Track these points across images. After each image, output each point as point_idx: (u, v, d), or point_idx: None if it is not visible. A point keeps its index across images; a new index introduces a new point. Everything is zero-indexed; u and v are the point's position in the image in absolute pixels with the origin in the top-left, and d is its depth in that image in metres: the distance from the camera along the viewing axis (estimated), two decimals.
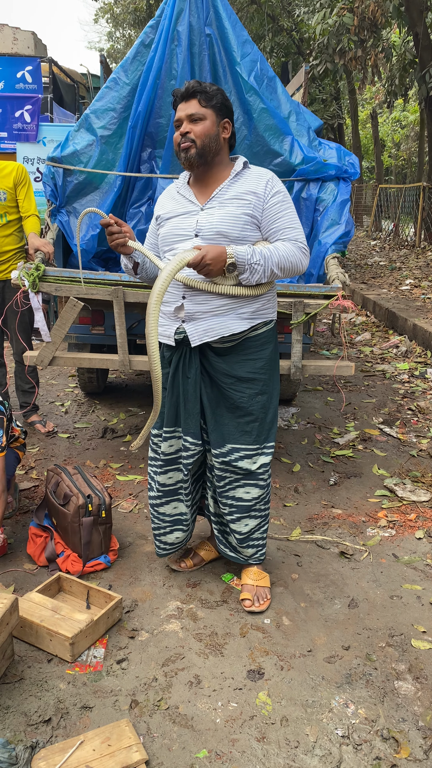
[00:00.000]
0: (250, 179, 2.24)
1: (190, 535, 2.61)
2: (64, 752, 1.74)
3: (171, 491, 2.52)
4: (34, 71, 6.36)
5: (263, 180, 2.23)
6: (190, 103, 2.19)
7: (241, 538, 2.47)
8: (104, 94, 3.46)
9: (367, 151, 30.29)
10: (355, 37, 9.76)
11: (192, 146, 2.17)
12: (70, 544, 2.67)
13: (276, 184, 2.25)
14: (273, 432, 2.43)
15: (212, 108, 2.20)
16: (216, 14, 3.35)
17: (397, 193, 15.13)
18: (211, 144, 2.20)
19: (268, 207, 2.21)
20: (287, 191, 2.30)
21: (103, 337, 3.69)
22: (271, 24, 15.82)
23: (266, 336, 2.35)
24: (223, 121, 2.23)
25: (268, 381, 2.38)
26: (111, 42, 23.36)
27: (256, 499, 2.43)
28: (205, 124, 2.18)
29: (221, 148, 2.25)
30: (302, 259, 2.24)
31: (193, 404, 2.36)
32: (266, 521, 2.53)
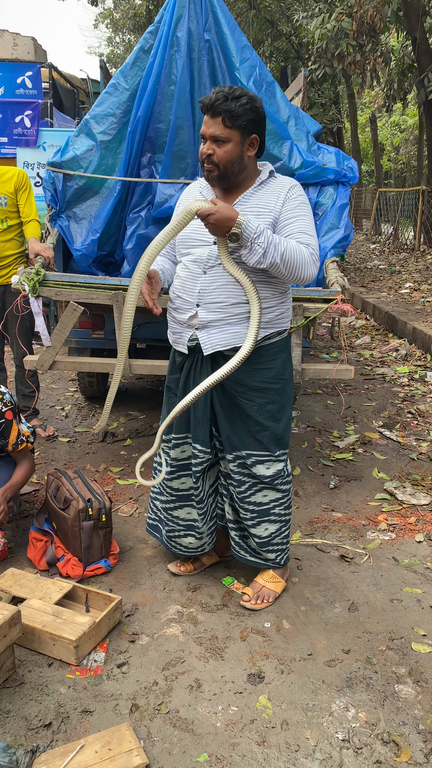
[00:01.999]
0: (274, 188, 2.22)
1: (206, 545, 2.59)
2: (64, 756, 1.74)
3: (184, 497, 2.52)
4: (34, 76, 6.39)
5: (285, 188, 2.21)
6: (215, 121, 2.09)
7: (261, 542, 2.47)
8: (104, 99, 3.47)
9: (367, 155, 30.34)
10: (354, 41, 9.79)
11: (214, 169, 2.13)
12: (70, 548, 2.67)
13: (297, 191, 2.22)
14: (285, 440, 2.43)
15: (237, 128, 2.09)
16: (215, 20, 3.36)
17: (397, 197, 15.16)
18: (233, 167, 2.14)
19: (284, 211, 2.18)
20: (308, 202, 2.26)
21: (103, 341, 3.69)
22: (270, 29, 15.88)
23: (279, 345, 2.34)
24: (250, 138, 2.14)
25: (280, 390, 2.36)
26: (111, 47, 23.46)
27: (274, 501, 2.45)
28: (228, 148, 2.10)
29: (245, 166, 2.18)
30: (309, 263, 2.13)
31: (203, 412, 2.36)
32: (286, 527, 2.52)
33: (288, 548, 2.57)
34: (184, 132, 3.39)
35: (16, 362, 4.06)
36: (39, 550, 2.72)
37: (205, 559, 2.72)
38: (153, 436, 4.20)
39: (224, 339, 2.23)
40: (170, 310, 2.40)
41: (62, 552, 2.69)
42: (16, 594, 2.37)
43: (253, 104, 2.11)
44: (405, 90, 13.84)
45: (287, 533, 2.54)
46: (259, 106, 2.13)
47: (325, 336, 7.06)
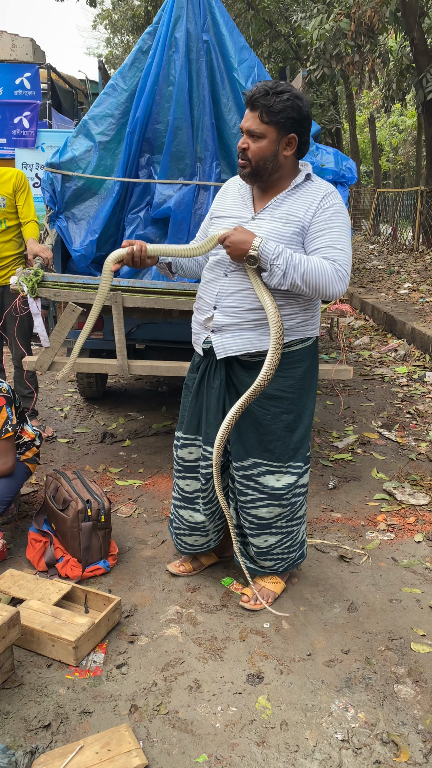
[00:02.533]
0: (306, 194, 2.12)
1: (211, 542, 2.58)
2: (63, 757, 1.74)
3: (188, 499, 2.51)
4: (33, 77, 6.40)
5: (319, 195, 2.10)
6: (253, 115, 2.03)
7: (260, 552, 2.44)
8: (102, 100, 3.48)
9: (365, 155, 30.36)
10: (352, 42, 9.80)
11: (247, 165, 2.08)
12: (69, 549, 2.67)
13: (331, 200, 2.10)
14: (301, 453, 2.34)
15: (275, 125, 2.02)
16: (213, 21, 3.37)
17: (395, 197, 15.17)
18: (266, 165, 2.07)
19: (314, 221, 2.08)
20: (344, 209, 2.12)
21: (102, 341, 3.69)
22: (269, 29, 15.89)
23: (301, 354, 2.25)
24: (287, 137, 2.05)
25: (297, 401, 2.27)
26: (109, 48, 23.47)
27: (278, 516, 2.38)
28: (262, 144, 2.04)
29: (280, 166, 2.10)
30: (335, 281, 2.04)
31: (215, 415, 2.33)
32: (289, 538, 2.44)
33: (291, 558, 2.49)
34: (182, 132, 3.39)
35: (14, 363, 4.06)
36: (38, 551, 2.72)
37: (204, 559, 2.72)
38: (152, 437, 4.21)
39: (237, 344, 2.21)
40: (194, 310, 2.38)
41: (61, 553, 2.69)
42: (15, 595, 2.37)
43: (296, 102, 2.01)
44: (403, 90, 13.85)
45: (289, 544, 2.46)
46: (302, 105, 2.03)
47: (324, 336, 7.05)
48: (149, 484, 3.52)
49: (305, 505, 2.49)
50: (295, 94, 2.02)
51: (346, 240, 2.09)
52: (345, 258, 2.07)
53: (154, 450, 4.00)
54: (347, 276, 2.06)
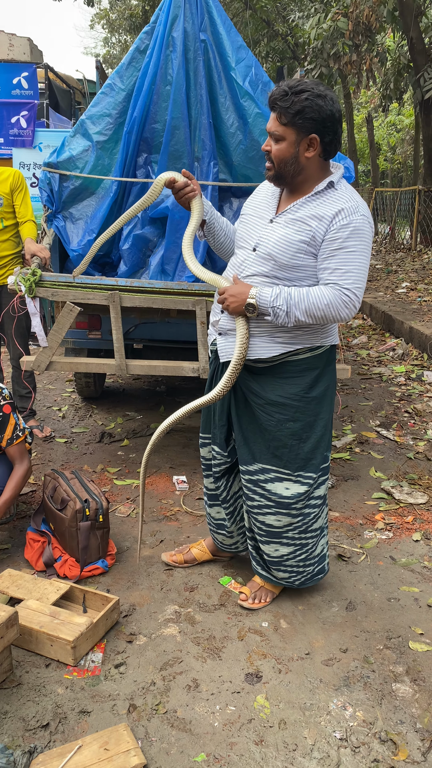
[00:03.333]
0: (326, 203, 2.03)
1: (238, 544, 2.61)
2: (62, 757, 1.74)
3: (213, 495, 2.55)
4: (30, 77, 6.38)
5: (335, 208, 2.00)
6: (273, 117, 1.99)
7: (272, 561, 2.41)
8: (100, 99, 3.47)
9: (363, 154, 30.37)
10: (350, 41, 9.81)
11: (271, 168, 2.05)
12: (67, 548, 2.67)
13: (349, 216, 1.98)
14: (313, 463, 2.27)
15: (293, 126, 1.95)
16: (210, 20, 3.36)
17: (393, 197, 15.17)
18: (287, 168, 2.02)
19: (328, 239, 2.00)
20: (363, 226, 2.00)
21: (100, 341, 3.69)
22: (266, 29, 15.89)
23: (309, 362, 2.19)
24: (308, 138, 1.97)
25: (304, 409, 2.21)
26: (107, 48, 23.44)
27: (288, 526, 2.32)
28: (282, 146, 1.99)
29: (302, 168, 2.03)
30: (339, 308, 2.00)
31: (220, 417, 2.35)
32: (304, 550, 2.38)
33: (308, 572, 2.43)
34: (180, 132, 3.39)
35: (12, 363, 4.06)
36: (36, 551, 2.72)
37: (197, 554, 2.73)
38: (150, 437, 4.20)
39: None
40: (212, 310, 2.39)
41: (59, 553, 2.69)
42: (13, 595, 2.37)
43: (316, 101, 1.92)
44: (401, 90, 13.85)
45: (305, 557, 2.39)
46: (323, 104, 1.93)
47: None
48: (147, 484, 3.52)
49: (323, 518, 2.41)
50: (316, 92, 1.93)
51: (360, 261, 2.01)
52: (354, 281, 2.00)
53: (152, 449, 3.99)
54: (356, 299, 2.01)
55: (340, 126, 2.01)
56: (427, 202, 12.00)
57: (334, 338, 2.25)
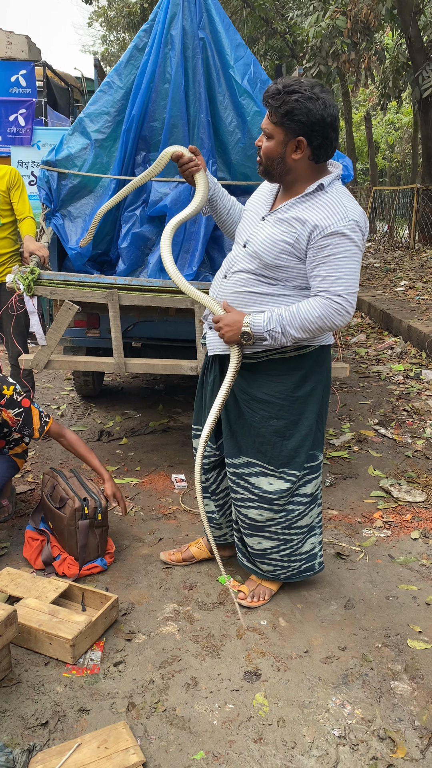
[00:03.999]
0: (312, 207, 2.00)
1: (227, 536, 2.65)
2: (61, 755, 1.74)
3: (204, 488, 2.57)
4: (28, 75, 6.37)
5: (323, 213, 1.97)
6: (267, 113, 1.98)
7: (255, 554, 2.43)
8: (98, 97, 3.47)
9: (361, 153, 30.36)
10: (348, 39, 9.81)
11: (261, 163, 2.06)
12: (66, 547, 2.67)
13: (336, 225, 1.94)
14: (297, 461, 2.28)
15: (281, 126, 1.94)
16: (209, 18, 3.36)
17: (392, 195, 15.18)
18: (274, 166, 2.02)
19: (314, 246, 1.98)
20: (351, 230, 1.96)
21: (99, 340, 3.69)
22: (265, 27, 15.88)
23: (296, 361, 2.19)
24: (295, 140, 1.95)
25: (288, 407, 2.22)
26: (105, 45, 23.41)
27: (270, 521, 2.34)
28: (271, 144, 1.99)
29: (290, 169, 2.02)
30: (333, 317, 2.00)
31: (208, 409, 2.36)
32: (289, 547, 2.40)
33: (293, 568, 2.44)
34: (178, 130, 3.38)
35: (11, 361, 4.05)
36: (35, 550, 2.72)
37: (196, 553, 2.73)
38: (148, 435, 4.20)
39: (222, 344, 2.23)
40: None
41: (58, 551, 2.69)
42: (12, 593, 2.37)
43: (305, 104, 1.89)
44: (399, 88, 13.86)
45: (289, 552, 2.40)
46: (312, 107, 1.89)
47: None
48: (146, 482, 3.52)
49: (312, 516, 2.41)
50: (308, 95, 1.90)
51: (350, 266, 1.98)
52: (346, 287, 1.98)
53: (150, 448, 4.00)
54: (347, 305, 2.00)
55: (332, 130, 1.96)
56: (425, 200, 12.00)
57: (325, 339, 2.24)
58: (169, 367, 3.26)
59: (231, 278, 2.19)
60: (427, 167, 12.54)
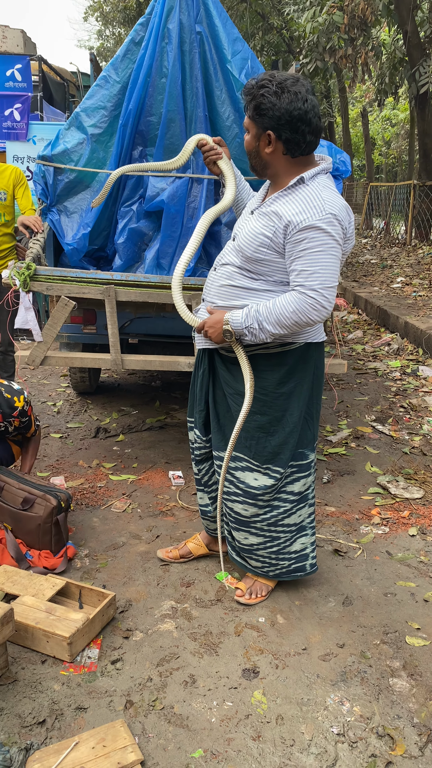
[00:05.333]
0: (290, 201, 1.99)
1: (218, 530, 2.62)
2: (58, 754, 1.73)
3: (198, 480, 2.58)
4: (24, 69, 6.33)
5: (299, 206, 1.95)
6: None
7: (243, 548, 2.44)
8: (94, 92, 3.44)
9: (358, 149, 30.34)
10: (345, 35, 9.78)
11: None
12: (37, 545, 2.69)
13: (311, 218, 1.92)
14: (282, 458, 2.26)
15: (253, 120, 1.97)
16: (206, 12, 3.33)
17: (388, 191, 15.16)
18: (252, 159, 2.06)
19: (291, 241, 1.96)
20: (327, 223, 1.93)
21: (95, 336, 3.67)
22: (261, 22, 15.82)
23: (280, 358, 2.18)
24: (265, 134, 1.98)
25: (271, 403, 2.21)
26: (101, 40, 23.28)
27: (255, 517, 2.34)
28: (247, 138, 2.03)
29: (267, 163, 2.04)
30: (308, 312, 1.96)
31: (199, 402, 2.41)
32: (276, 544, 2.39)
33: (282, 566, 2.43)
34: (175, 125, 3.36)
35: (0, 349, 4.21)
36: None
37: (193, 548, 2.73)
38: (145, 432, 4.19)
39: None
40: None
41: (26, 549, 2.69)
42: (9, 591, 2.36)
43: (270, 98, 1.91)
44: (396, 84, 13.82)
45: (276, 550, 2.40)
46: (277, 101, 1.91)
47: None
48: (143, 479, 3.51)
49: (303, 516, 2.40)
50: (274, 89, 1.91)
51: (325, 261, 1.95)
52: (321, 281, 1.95)
53: (147, 445, 3.98)
54: (323, 300, 1.96)
55: (303, 124, 1.94)
56: (422, 196, 12.00)
57: (311, 336, 2.20)
58: (166, 364, 3.25)
59: (218, 270, 2.22)
60: (423, 163, 12.53)
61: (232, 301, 2.15)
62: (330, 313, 2.02)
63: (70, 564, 2.69)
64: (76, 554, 2.75)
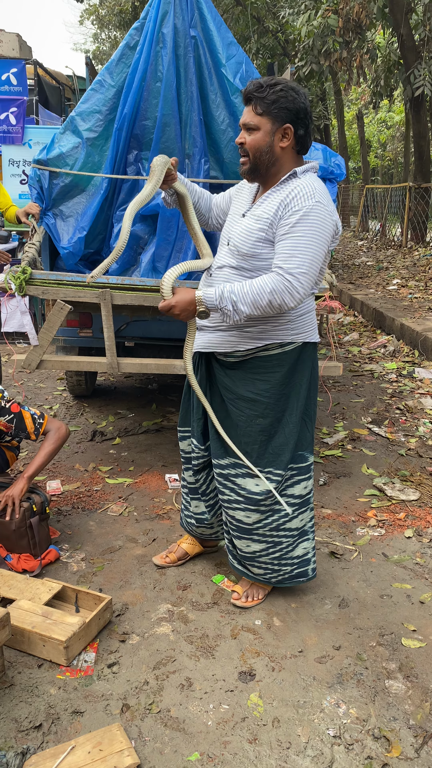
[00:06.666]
0: (282, 192, 2.05)
1: (219, 533, 2.64)
2: (55, 758, 1.73)
3: (193, 489, 2.55)
4: (19, 73, 6.35)
5: (291, 194, 2.01)
6: (248, 109, 2.05)
7: (245, 556, 2.42)
8: (90, 96, 3.45)
9: (354, 151, 30.41)
10: (340, 38, 9.81)
11: (246, 160, 2.08)
12: (16, 549, 2.69)
13: (300, 201, 1.98)
14: (281, 460, 2.26)
15: (268, 115, 2.01)
16: (201, 16, 3.35)
17: (384, 194, 15.20)
18: (263, 157, 2.06)
19: (282, 223, 2.02)
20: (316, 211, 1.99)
21: (91, 339, 3.68)
22: (257, 26, 15.86)
23: (280, 358, 2.20)
24: (282, 128, 2.03)
25: (273, 405, 2.23)
26: (96, 44, 23.33)
27: (258, 523, 2.33)
28: (257, 135, 2.04)
29: (277, 159, 2.07)
30: (283, 293, 1.97)
31: (197, 410, 2.38)
32: (279, 550, 2.37)
33: (285, 572, 2.41)
34: (170, 129, 3.37)
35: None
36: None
37: (188, 548, 2.73)
38: (142, 435, 4.19)
39: (208, 342, 2.26)
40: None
41: (6, 552, 2.68)
42: (5, 595, 2.35)
43: (290, 93, 2.00)
44: (391, 86, 13.87)
45: (279, 555, 2.38)
46: (297, 96, 2.00)
47: None
48: (139, 482, 3.51)
49: (305, 520, 2.39)
50: (290, 86, 2.01)
51: (308, 246, 1.98)
52: (298, 265, 1.97)
53: (144, 448, 3.99)
54: (298, 285, 1.97)
55: (311, 122, 2.07)
56: (417, 198, 12.03)
57: (308, 335, 2.23)
58: (162, 367, 3.25)
59: (215, 274, 2.23)
60: (419, 165, 12.57)
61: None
62: (302, 301, 2.03)
63: (66, 567, 2.69)
64: (58, 558, 2.73)
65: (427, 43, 10.49)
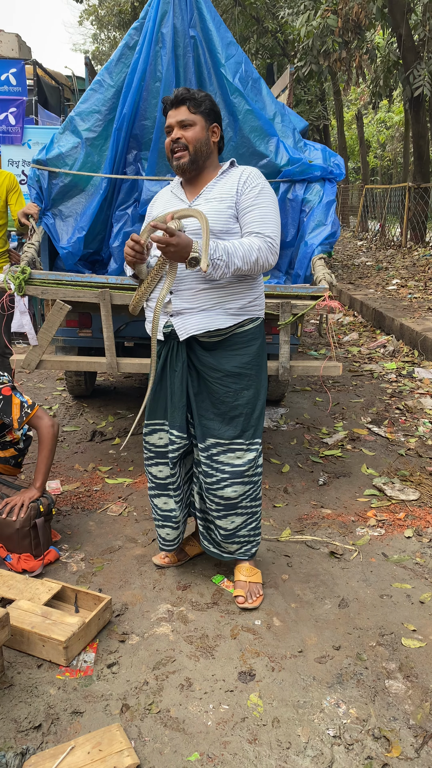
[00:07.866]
0: (233, 176, 2.32)
1: (181, 535, 2.62)
2: (54, 758, 1.73)
3: (161, 485, 2.54)
4: (19, 73, 6.34)
5: (244, 175, 2.30)
6: (179, 110, 2.28)
7: (226, 535, 2.48)
8: (89, 96, 3.45)
9: (353, 152, 30.42)
10: (340, 38, 9.81)
11: (185, 153, 2.27)
12: (17, 549, 2.68)
13: (254, 178, 2.29)
14: (259, 429, 2.44)
15: (201, 114, 2.29)
16: (200, 16, 3.35)
17: (383, 194, 15.20)
18: (202, 148, 2.29)
19: (242, 200, 2.26)
20: (269, 188, 2.31)
21: (91, 339, 3.67)
22: (256, 26, 15.85)
23: (253, 333, 2.39)
24: (212, 126, 2.33)
25: (255, 377, 2.40)
26: (96, 44, 23.33)
27: (243, 496, 2.44)
28: (195, 129, 2.28)
29: (211, 151, 2.35)
30: (268, 255, 2.24)
31: (179, 397, 2.40)
32: (254, 518, 2.51)
33: (256, 541, 2.55)
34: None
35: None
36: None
37: (189, 550, 2.74)
38: (140, 436, 4.19)
39: (197, 324, 2.27)
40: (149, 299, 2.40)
41: (6, 552, 2.68)
42: (4, 595, 2.35)
43: (211, 98, 2.34)
44: (391, 87, 13.86)
45: (254, 525, 2.52)
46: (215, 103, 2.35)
47: (313, 333, 7.07)
48: (139, 483, 3.51)
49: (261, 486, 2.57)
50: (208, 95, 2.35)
51: (274, 214, 2.29)
52: (273, 230, 2.25)
53: (143, 448, 3.98)
54: (276, 246, 2.25)
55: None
56: (417, 199, 12.03)
57: (263, 311, 2.46)
58: None
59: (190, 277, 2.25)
60: (418, 165, 12.57)
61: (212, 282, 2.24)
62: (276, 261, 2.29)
63: (66, 567, 2.69)
64: (57, 558, 2.74)
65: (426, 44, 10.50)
